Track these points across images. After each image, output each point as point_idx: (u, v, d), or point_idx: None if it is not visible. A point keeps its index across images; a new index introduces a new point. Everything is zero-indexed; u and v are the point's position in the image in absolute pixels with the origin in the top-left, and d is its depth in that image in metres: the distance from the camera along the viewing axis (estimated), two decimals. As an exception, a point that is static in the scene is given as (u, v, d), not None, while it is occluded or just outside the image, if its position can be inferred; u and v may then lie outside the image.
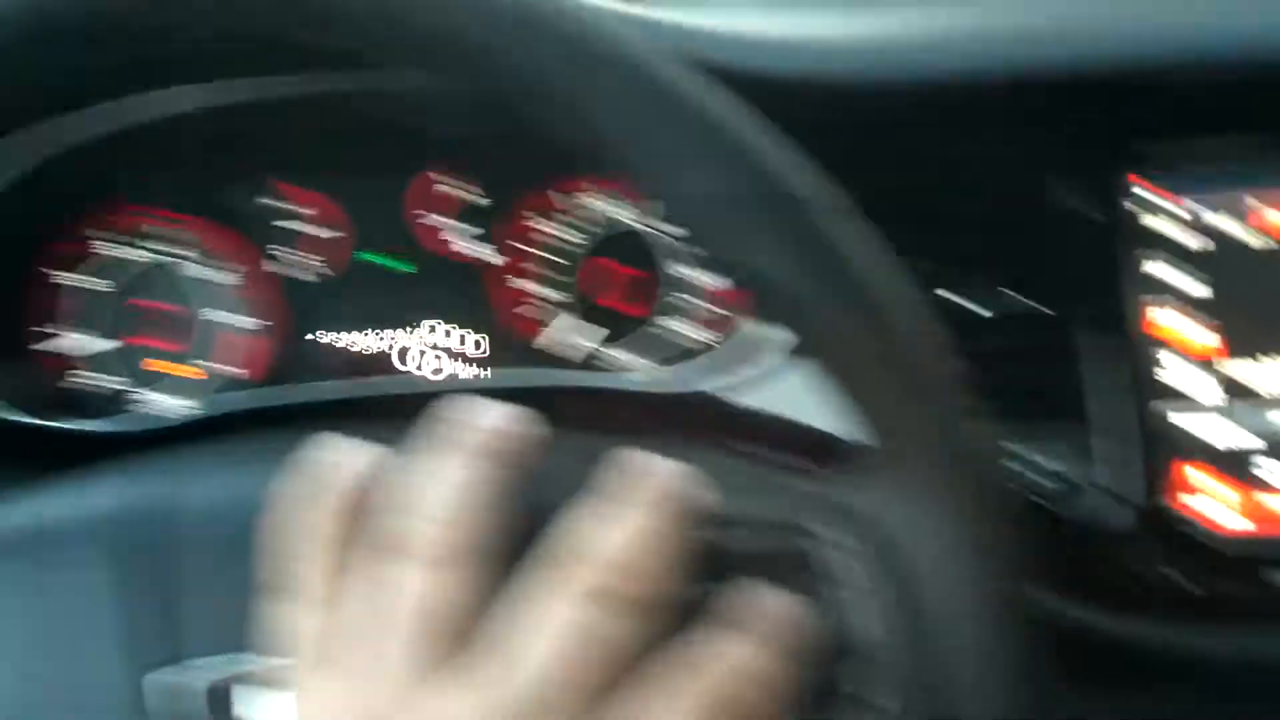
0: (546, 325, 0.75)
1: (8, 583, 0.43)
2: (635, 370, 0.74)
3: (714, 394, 0.71)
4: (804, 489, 0.45)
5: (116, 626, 0.42)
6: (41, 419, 0.69)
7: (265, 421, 0.73)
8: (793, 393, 0.70)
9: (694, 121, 0.39)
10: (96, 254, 0.73)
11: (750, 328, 0.74)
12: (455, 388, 0.74)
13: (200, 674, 0.42)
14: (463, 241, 0.75)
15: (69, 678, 0.42)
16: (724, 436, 0.61)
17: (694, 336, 0.75)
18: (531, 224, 0.75)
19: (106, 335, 0.74)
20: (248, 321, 0.75)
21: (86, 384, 0.74)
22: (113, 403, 0.74)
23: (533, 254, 0.75)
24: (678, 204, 0.40)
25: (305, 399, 0.74)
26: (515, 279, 0.75)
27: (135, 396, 0.74)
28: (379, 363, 0.75)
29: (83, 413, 0.73)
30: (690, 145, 0.39)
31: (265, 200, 0.74)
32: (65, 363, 0.74)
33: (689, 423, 0.47)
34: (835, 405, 0.42)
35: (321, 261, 0.75)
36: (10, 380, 0.70)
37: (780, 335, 0.69)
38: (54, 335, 0.73)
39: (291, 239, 0.75)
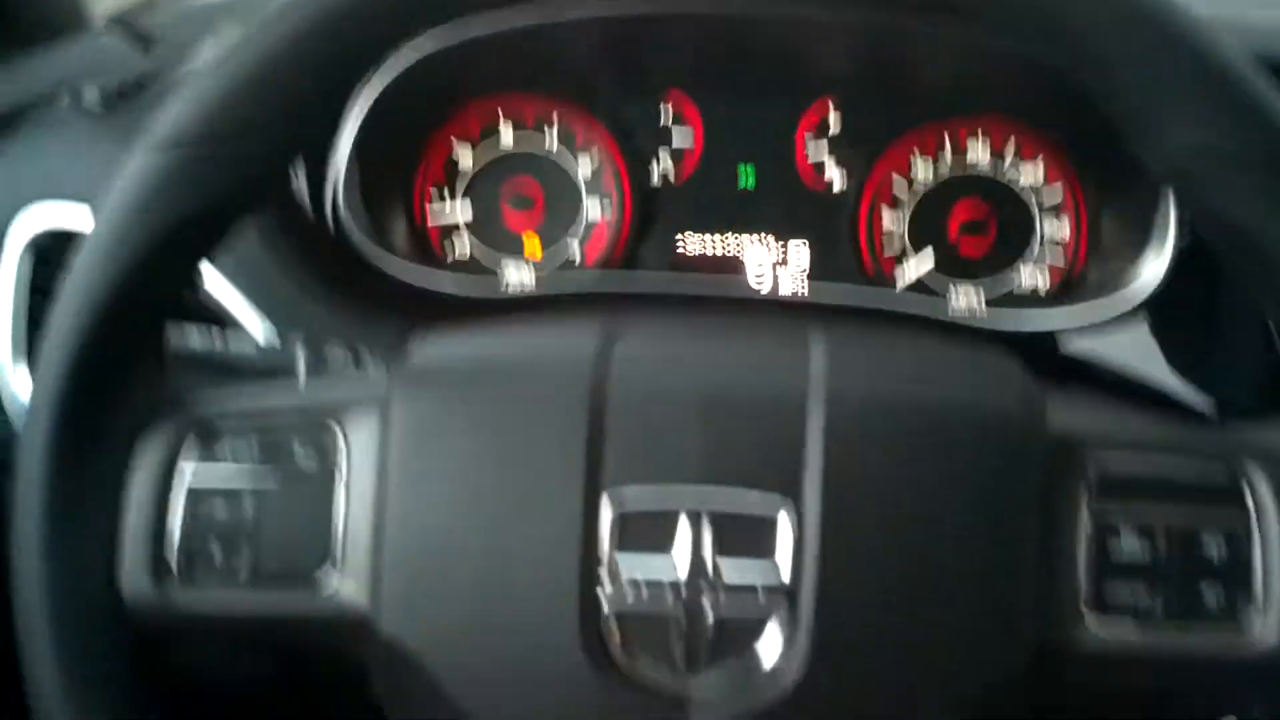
0: (901, 262, 0.78)
1: (483, 410, 0.47)
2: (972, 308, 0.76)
3: (1045, 337, 0.72)
4: (1226, 427, 0.47)
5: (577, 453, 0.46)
6: (413, 274, 0.75)
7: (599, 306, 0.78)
8: (1130, 348, 0.71)
9: (1212, 71, 0.41)
10: (486, 132, 0.79)
11: (1090, 281, 0.74)
12: (787, 300, 0.77)
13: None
14: (833, 169, 0.78)
15: (527, 493, 0.46)
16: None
17: (1034, 282, 0.76)
18: (909, 163, 0.77)
19: (488, 209, 0.80)
20: (595, 211, 0.79)
21: (464, 252, 0.80)
22: (468, 264, 0.80)
23: (900, 190, 0.77)
24: (1174, 154, 0.42)
25: (640, 290, 0.78)
26: (880, 211, 0.78)
27: (488, 266, 0.80)
28: (713, 264, 0.79)
29: (442, 268, 0.79)
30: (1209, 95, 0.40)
31: (658, 110, 0.79)
32: (448, 228, 0.80)
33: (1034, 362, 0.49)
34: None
35: (674, 166, 0.79)
36: (391, 236, 0.77)
37: (1125, 291, 0.69)
38: (437, 200, 0.80)
39: (659, 143, 0.79)
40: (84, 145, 0.76)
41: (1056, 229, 0.77)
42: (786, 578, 0.44)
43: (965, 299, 0.76)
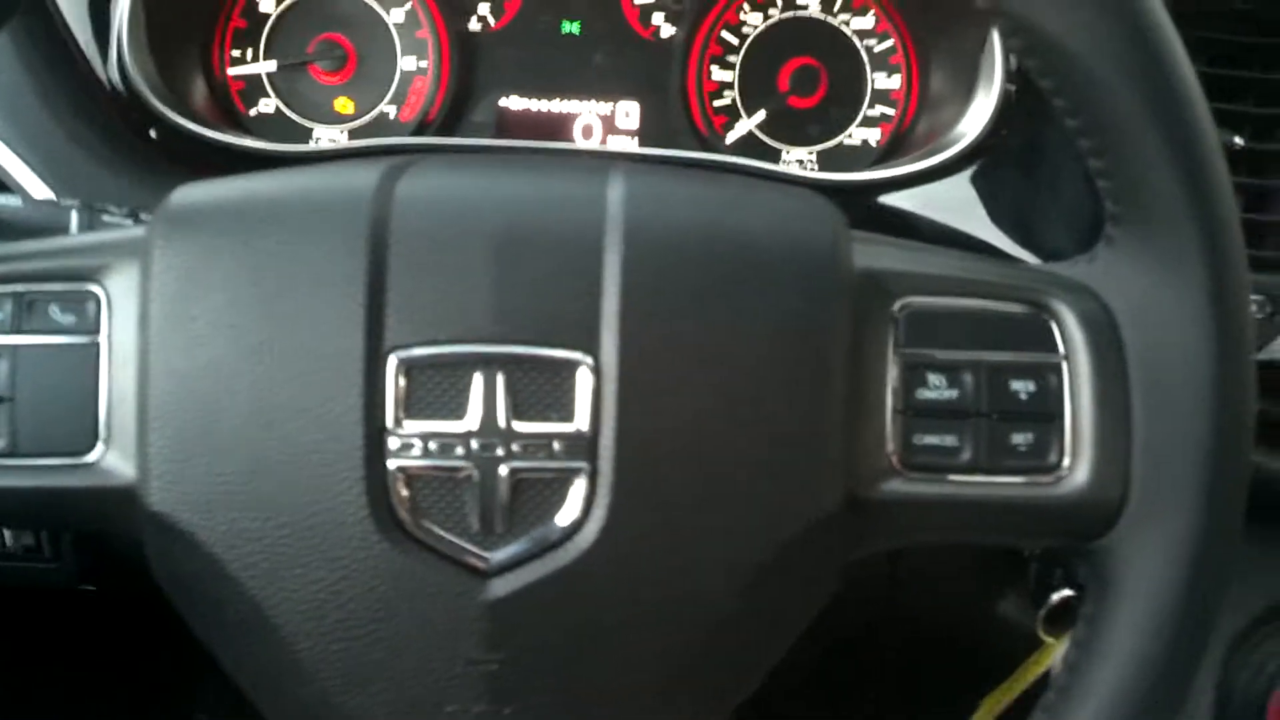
0: (716, 101, 0.75)
1: (249, 251, 0.43)
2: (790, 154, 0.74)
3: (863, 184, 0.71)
4: (1033, 267, 0.46)
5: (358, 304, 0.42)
6: (211, 129, 0.69)
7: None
8: (951, 201, 0.70)
9: None
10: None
11: (913, 131, 0.73)
12: (606, 153, 0.74)
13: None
14: (660, 17, 0.74)
15: (302, 347, 0.42)
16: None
17: (858, 132, 0.74)
18: (731, 13, 0.74)
19: (275, 56, 0.74)
20: (410, 62, 0.74)
21: (264, 107, 0.74)
22: (272, 124, 0.74)
23: (718, 31, 0.74)
24: None
25: (455, 146, 0.73)
26: (698, 54, 0.74)
27: (294, 120, 0.74)
28: (539, 124, 0.75)
29: (244, 130, 0.73)
30: None
31: None
32: (235, 79, 0.74)
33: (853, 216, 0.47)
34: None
35: (493, 11, 0.74)
36: (186, 89, 0.71)
37: (950, 142, 0.68)
38: (242, 60, 0.74)
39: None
40: None
41: (887, 80, 0.75)
42: (585, 430, 0.42)
43: (795, 156, 0.75)
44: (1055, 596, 0.64)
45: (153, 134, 0.69)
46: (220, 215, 0.44)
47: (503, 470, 0.41)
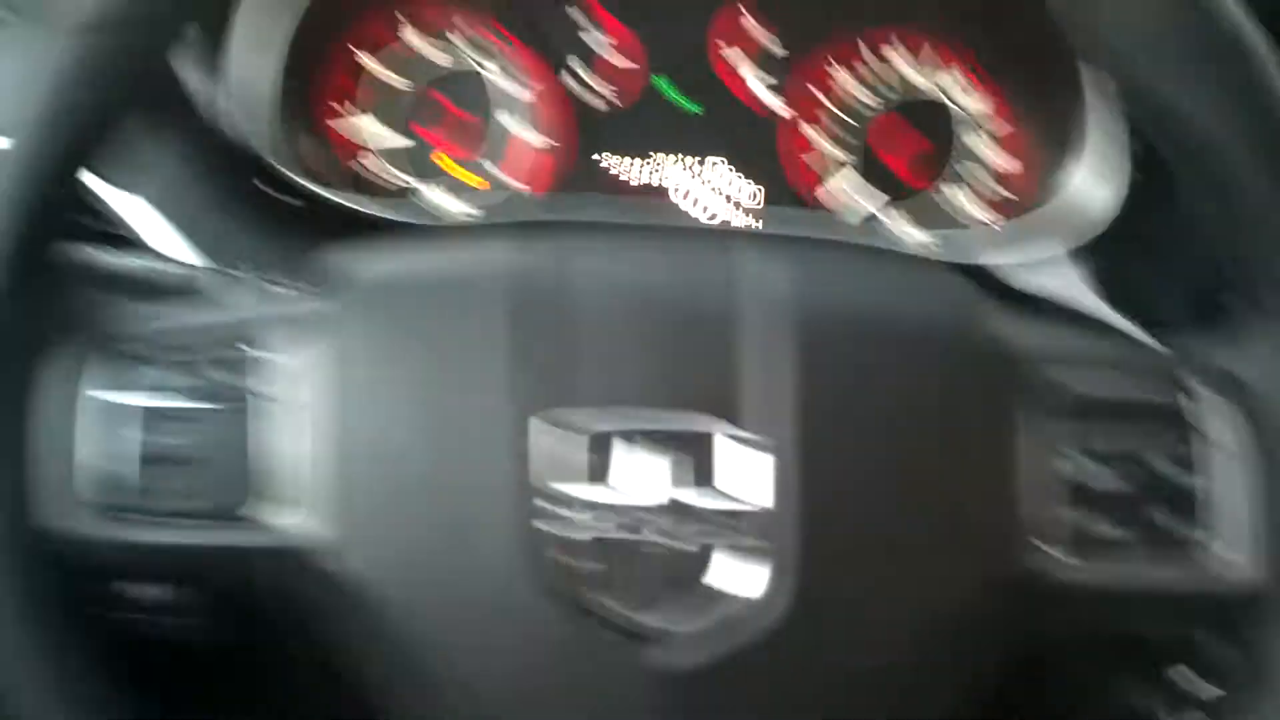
0: (829, 179, 0.75)
1: (398, 325, 0.45)
2: (911, 237, 0.75)
3: (992, 269, 0.71)
4: (1168, 348, 0.46)
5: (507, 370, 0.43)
6: (327, 191, 0.71)
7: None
8: (1071, 283, 0.70)
9: None
10: (402, 43, 0.75)
11: (1036, 213, 0.73)
12: (726, 231, 0.75)
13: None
14: (757, 86, 0.75)
15: (456, 417, 0.43)
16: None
17: (976, 213, 0.74)
18: (830, 76, 0.75)
19: (398, 127, 0.75)
20: (536, 136, 0.76)
21: (373, 170, 0.75)
22: (394, 193, 0.76)
23: (825, 106, 0.75)
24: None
25: (580, 218, 0.75)
26: (804, 129, 0.75)
27: (417, 191, 0.76)
28: (655, 194, 0.76)
29: (361, 192, 0.75)
30: None
31: (571, 18, 0.75)
32: (355, 145, 0.75)
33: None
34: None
35: (614, 89, 0.76)
36: (303, 151, 0.72)
37: (1068, 224, 0.69)
38: (349, 115, 0.75)
39: (590, 62, 0.75)
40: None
41: (1006, 163, 0.75)
42: (768, 506, 0.42)
43: (895, 219, 0.75)
44: (1186, 684, 0.62)
45: (269, 190, 0.70)
46: (380, 289, 0.46)
47: (683, 545, 0.41)
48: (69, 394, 0.44)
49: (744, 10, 0.75)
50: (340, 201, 0.70)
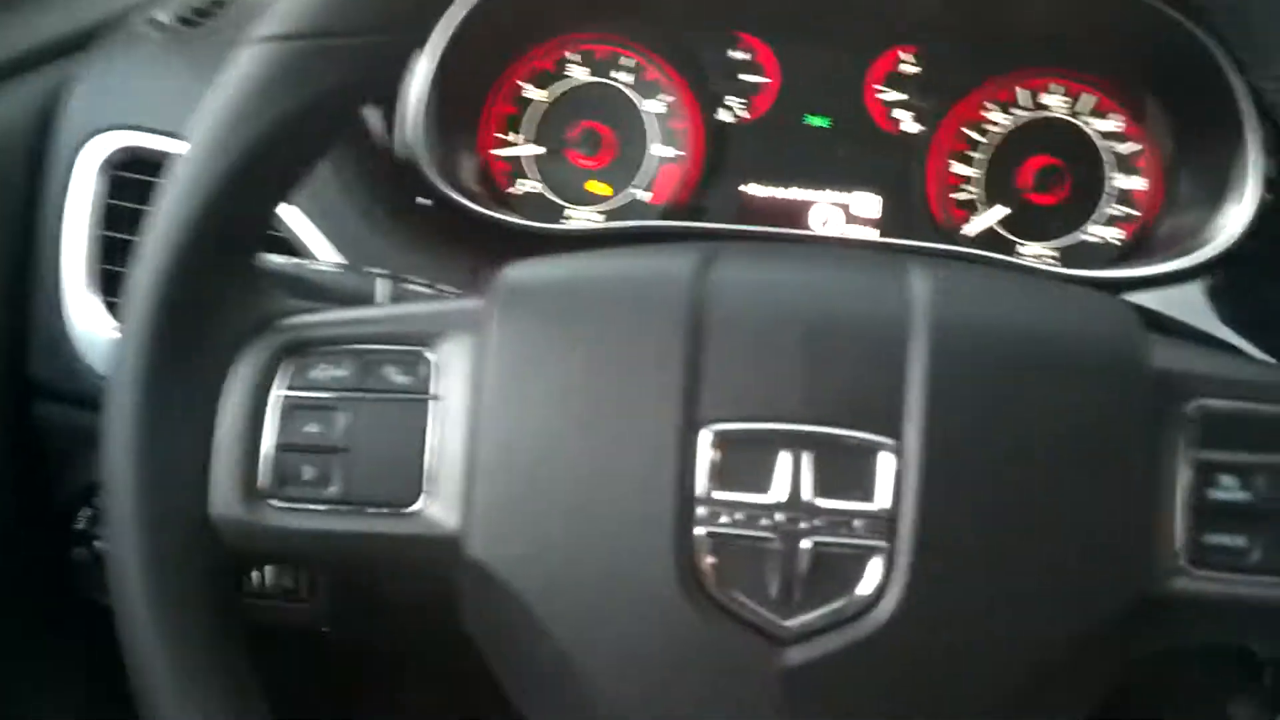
0: (977, 216, 0.78)
1: (579, 329, 0.47)
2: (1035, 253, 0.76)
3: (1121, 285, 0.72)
4: None
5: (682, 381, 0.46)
6: (478, 205, 0.75)
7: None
8: (1192, 301, 0.70)
9: None
10: (566, 77, 0.80)
11: (1163, 232, 0.74)
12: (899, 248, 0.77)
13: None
14: (905, 116, 0.78)
15: (625, 424, 0.46)
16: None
17: (1106, 235, 0.76)
18: (984, 117, 0.77)
19: (556, 155, 0.80)
20: (664, 150, 0.79)
21: (530, 194, 0.80)
22: (531, 202, 0.80)
23: (978, 145, 0.77)
24: None
25: (705, 230, 0.77)
26: (955, 167, 0.78)
27: (551, 200, 0.80)
28: (780, 211, 0.79)
29: (506, 206, 0.79)
30: None
31: (731, 57, 0.79)
32: (514, 170, 0.80)
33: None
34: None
35: (746, 105, 0.78)
36: (457, 166, 0.77)
37: (1197, 244, 0.69)
38: (511, 143, 0.80)
39: (747, 99, 0.79)
40: (160, 67, 0.76)
41: (1131, 182, 0.76)
42: (886, 509, 0.44)
43: (1033, 251, 0.76)
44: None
45: (425, 203, 0.74)
46: (551, 294, 0.49)
47: (805, 543, 0.44)
48: (260, 391, 0.49)
49: (902, 54, 0.78)
50: (502, 218, 0.74)
